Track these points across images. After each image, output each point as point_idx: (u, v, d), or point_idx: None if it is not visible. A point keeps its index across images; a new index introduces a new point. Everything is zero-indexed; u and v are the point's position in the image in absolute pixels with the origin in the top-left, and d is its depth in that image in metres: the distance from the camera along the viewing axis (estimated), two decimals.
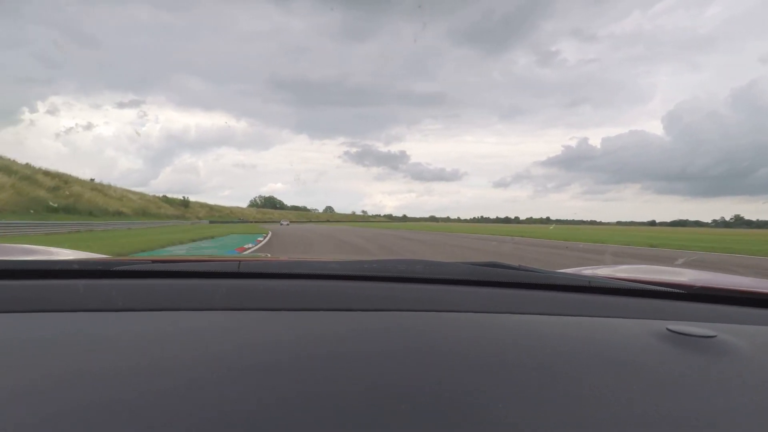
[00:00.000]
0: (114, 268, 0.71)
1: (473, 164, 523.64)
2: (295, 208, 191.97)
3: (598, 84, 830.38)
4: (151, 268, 0.72)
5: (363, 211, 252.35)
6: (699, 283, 0.83)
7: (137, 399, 0.36)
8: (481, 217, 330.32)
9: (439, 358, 0.47)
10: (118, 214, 42.53)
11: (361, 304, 0.63)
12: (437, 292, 0.71)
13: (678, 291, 0.77)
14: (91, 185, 51.46)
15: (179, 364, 0.43)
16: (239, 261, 0.75)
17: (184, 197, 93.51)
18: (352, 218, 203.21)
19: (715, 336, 0.54)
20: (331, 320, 0.58)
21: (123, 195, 59.90)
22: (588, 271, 1.13)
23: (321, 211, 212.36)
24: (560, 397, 0.40)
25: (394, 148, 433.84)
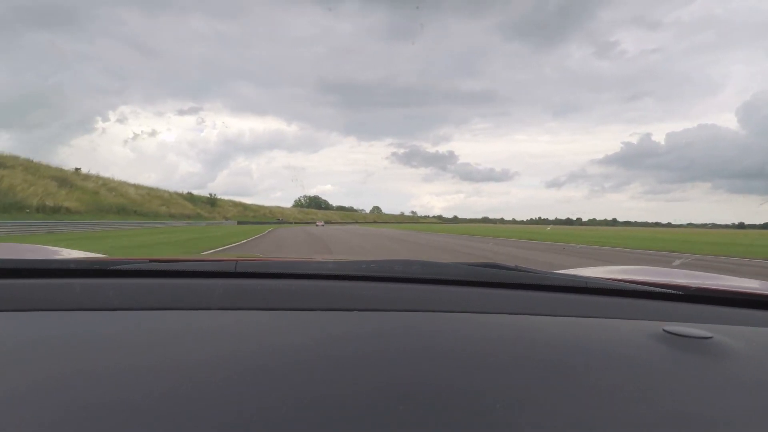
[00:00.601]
0: (111, 268, 0.71)
1: (524, 164, 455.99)
2: (341, 209, 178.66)
3: (662, 75, 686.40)
4: (148, 268, 0.72)
5: (412, 212, 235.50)
6: (695, 285, 0.83)
7: (134, 399, 0.36)
8: (539, 218, 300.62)
9: (437, 359, 0.47)
10: (56, 211, 28.21)
11: (358, 304, 0.63)
12: (435, 293, 0.71)
13: (674, 292, 0.77)
14: (56, 173, 38.01)
15: (176, 363, 0.43)
16: (236, 261, 0.75)
17: (211, 195, 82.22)
18: (400, 219, 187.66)
19: (711, 337, 0.54)
20: (329, 320, 0.58)
21: (116, 188, 46.55)
22: (585, 271, 1.12)
23: (368, 211, 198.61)
24: (557, 397, 0.40)
25: (442, 148, 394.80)
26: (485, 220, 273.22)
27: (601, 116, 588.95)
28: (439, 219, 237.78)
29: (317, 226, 65.20)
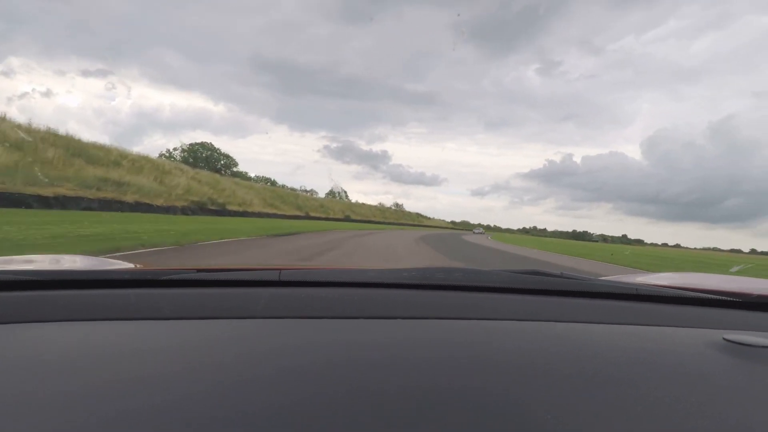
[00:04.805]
0: (162, 278, 0.72)
1: (453, 171, 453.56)
2: (272, 184, 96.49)
3: (589, 102, 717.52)
4: (197, 278, 0.73)
5: (396, 204, 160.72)
6: (756, 291, 0.80)
7: (185, 405, 0.37)
8: (535, 228, 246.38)
9: (482, 367, 0.46)
10: None
11: (401, 312, 0.63)
12: (478, 300, 0.71)
13: (733, 299, 0.75)
14: None
15: (224, 371, 0.44)
16: (280, 270, 0.75)
17: None
18: (387, 216, 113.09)
19: None
20: (372, 328, 0.58)
21: None
22: (632, 278, 1.10)
23: (321, 195, 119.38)
24: (610, 409, 0.39)
25: (377, 147, 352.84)
26: (465, 224, 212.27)
27: (527, 134, 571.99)
28: (457, 224, 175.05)
29: (475, 233, 57.15)
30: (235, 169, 71.33)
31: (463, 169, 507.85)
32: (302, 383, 0.41)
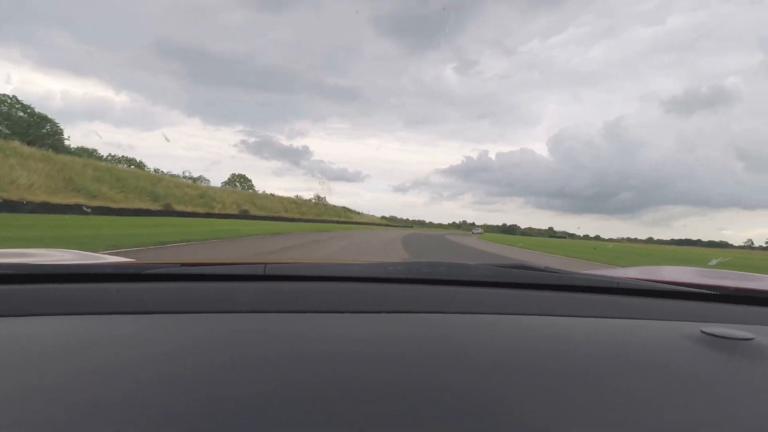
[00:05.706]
0: (145, 272, 0.71)
1: (375, 167, 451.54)
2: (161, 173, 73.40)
3: (502, 101, 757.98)
4: (180, 272, 0.72)
5: (317, 196, 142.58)
6: (733, 285, 0.82)
7: (167, 397, 0.37)
8: (465, 222, 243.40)
9: (466, 360, 0.47)
10: None
11: (386, 306, 0.63)
12: (463, 294, 0.71)
13: (711, 292, 0.76)
14: None
15: (206, 365, 0.43)
16: (265, 264, 0.74)
17: None
18: (286, 209, 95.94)
19: (752, 338, 0.53)
20: (357, 322, 0.58)
21: None
22: (614, 272, 1.12)
23: (216, 184, 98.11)
24: (591, 401, 0.39)
25: (297, 143, 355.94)
26: (393, 220, 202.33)
27: (445, 131, 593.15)
28: (387, 220, 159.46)
29: (474, 233, 55.36)
30: (67, 142, 49.39)
31: (385, 165, 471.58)
32: (286, 376, 0.41)
